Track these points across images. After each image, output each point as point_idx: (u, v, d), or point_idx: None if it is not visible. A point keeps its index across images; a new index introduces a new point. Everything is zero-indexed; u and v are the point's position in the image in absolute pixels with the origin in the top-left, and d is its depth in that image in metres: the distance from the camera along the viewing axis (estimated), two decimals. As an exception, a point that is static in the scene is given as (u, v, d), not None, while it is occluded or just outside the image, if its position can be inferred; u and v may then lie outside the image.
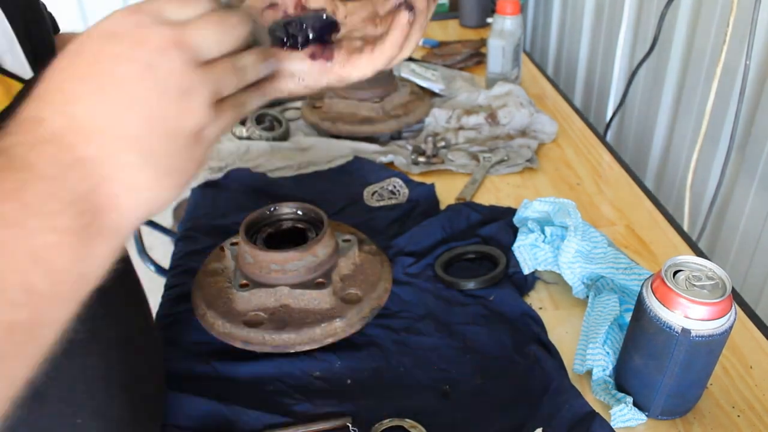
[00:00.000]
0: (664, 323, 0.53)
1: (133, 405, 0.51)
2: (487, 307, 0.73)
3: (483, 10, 1.63)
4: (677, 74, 1.22)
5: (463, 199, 0.94)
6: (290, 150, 1.08)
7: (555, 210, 0.77)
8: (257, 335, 0.66)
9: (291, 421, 0.61)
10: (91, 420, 0.47)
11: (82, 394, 0.46)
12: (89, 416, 0.46)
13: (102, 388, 0.48)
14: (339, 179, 1.00)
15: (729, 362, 0.66)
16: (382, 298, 0.72)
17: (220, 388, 0.64)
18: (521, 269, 0.78)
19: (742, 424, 0.59)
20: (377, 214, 0.92)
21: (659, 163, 1.32)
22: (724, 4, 1.05)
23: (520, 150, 1.05)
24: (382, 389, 0.64)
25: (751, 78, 0.99)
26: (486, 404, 0.62)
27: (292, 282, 0.68)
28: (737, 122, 0.98)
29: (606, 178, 1.00)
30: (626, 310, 0.67)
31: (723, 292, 0.53)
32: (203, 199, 0.97)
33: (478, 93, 1.19)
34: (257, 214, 0.74)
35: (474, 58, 1.41)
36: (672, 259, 0.56)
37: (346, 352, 0.68)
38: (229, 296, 0.70)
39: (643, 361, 0.57)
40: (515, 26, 1.19)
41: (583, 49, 1.58)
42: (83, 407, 0.46)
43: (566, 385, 0.62)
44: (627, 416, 0.59)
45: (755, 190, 1.03)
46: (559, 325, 0.72)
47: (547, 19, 1.78)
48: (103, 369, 0.48)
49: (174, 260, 0.85)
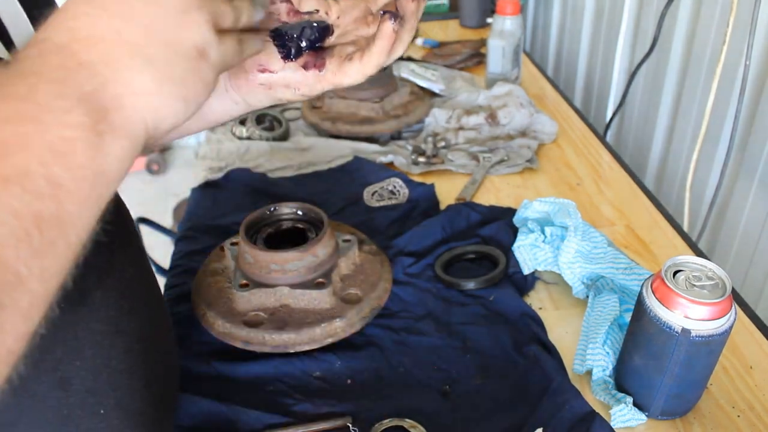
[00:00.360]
0: (664, 323, 0.53)
1: (152, 400, 0.52)
2: (487, 307, 0.73)
3: (483, 11, 1.63)
4: (677, 74, 1.22)
5: (463, 199, 0.94)
6: (290, 150, 1.08)
7: (555, 210, 0.77)
8: (257, 335, 0.66)
9: (291, 421, 0.61)
10: (114, 411, 0.48)
11: (105, 385, 0.47)
12: (112, 408, 0.47)
13: (125, 381, 0.49)
14: (339, 179, 1.00)
15: (729, 362, 0.66)
16: (382, 298, 0.72)
17: (220, 388, 0.64)
18: (521, 269, 0.78)
19: (742, 424, 0.59)
20: (377, 214, 0.92)
21: (659, 163, 1.32)
22: (724, 4, 1.05)
23: (520, 150, 1.05)
24: (382, 389, 0.64)
25: (751, 78, 0.99)
26: (486, 404, 0.62)
27: (292, 282, 0.68)
28: (737, 122, 0.98)
29: (606, 178, 1.00)
30: (626, 310, 0.67)
31: (723, 293, 0.53)
32: (203, 199, 0.97)
33: (478, 93, 1.19)
34: (257, 214, 0.74)
35: (474, 58, 1.41)
36: (672, 259, 0.56)
37: (346, 352, 0.68)
38: (229, 296, 0.70)
39: (643, 361, 0.57)
40: (515, 26, 1.19)
41: (583, 49, 1.58)
42: (107, 398, 0.47)
43: (566, 385, 0.62)
44: (627, 416, 0.59)
45: (755, 190, 1.03)
46: (559, 325, 0.72)
47: (547, 20, 1.78)
48: (125, 362, 0.49)
49: (174, 260, 0.85)
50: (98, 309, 0.46)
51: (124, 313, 0.48)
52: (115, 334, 0.47)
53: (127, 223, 0.53)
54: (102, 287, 0.46)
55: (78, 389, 0.45)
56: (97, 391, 0.46)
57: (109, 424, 0.48)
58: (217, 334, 0.68)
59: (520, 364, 0.66)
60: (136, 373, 0.50)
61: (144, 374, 0.51)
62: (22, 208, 0.26)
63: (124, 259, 0.46)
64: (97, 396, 0.46)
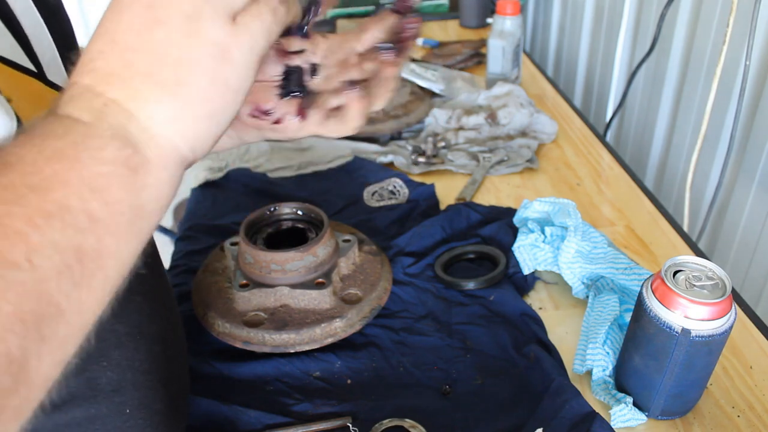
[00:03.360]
0: (664, 323, 0.53)
1: (170, 400, 0.54)
2: (487, 307, 0.73)
3: (483, 11, 1.63)
4: (677, 74, 1.22)
5: (463, 199, 0.94)
6: (290, 150, 1.08)
7: (555, 210, 0.77)
8: (257, 335, 0.66)
9: (291, 421, 0.61)
10: (138, 411, 0.49)
11: (130, 385, 0.48)
12: (136, 407, 0.49)
13: (147, 382, 0.50)
14: (339, 179, 1.00)
15: (729, 362, 0.66)
16: (382, 298, 0.72)
17: (220, 388, 0.64)
18: (521, 269, 0.78)
19: (742, 424, 0.59)
20: (377, 214, 0.92)
21: (659, 163, 1.32)
22: (724, 4, 1.05)
23: (520, 150, 1.05)
24: (382, 389, 0.64)
25: (751, 78, 0.99)
26: (486, 404, 0.62)
27: (292, 282, 0.68)
28: (737, 122, 0.98)
29: (606, 178, 1.00)
30: (626, 310, 0.67)
31: (723, 293, 0.53)
32: (203, 199, 0.97)
33: (478, 93, 1.19)
34: (257, 214, 0.74)
35: (474, 58, 1.41)
36: (672, 260, 0.56)
37: (346, 352, 0.68)
38: (229, 296, 0.70)
39: (643, 361, 0.57)
40: (515, 27, 1.19)
41: (583, 49, 1.58)
42: (132, 398, 0.49)
43: (566, 385, 0.62)
44: (627, 416, 0.59)
45: (755, 190, 1.03)
46: (559, 325, 0.72)
47: (547, 20, 1.78)
48: (147, 363, 0.50)
49: (174, 260, 0.85)
50: (122, 311, 0.46)
51: (145, 315, 0.49)
52: (138, 336, 0.49)
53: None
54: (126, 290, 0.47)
55: (104, 389, 0.46)
56: (122, 390, 0.48)
57: (134, 423, 0.49)
58: (217, 334, 0.68)
59: (520, 364, 0.66)
60: (156, 373, 0.51)
61: (163, 375, 0.52)
62: (64, 242, 0.27)
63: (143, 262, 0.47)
64: (122, 396, 0.48)
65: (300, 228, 0.75)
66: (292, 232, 0.75)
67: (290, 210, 0.76)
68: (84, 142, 0.30)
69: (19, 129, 0.30)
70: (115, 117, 0.31)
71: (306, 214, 0.76)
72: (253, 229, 0.74)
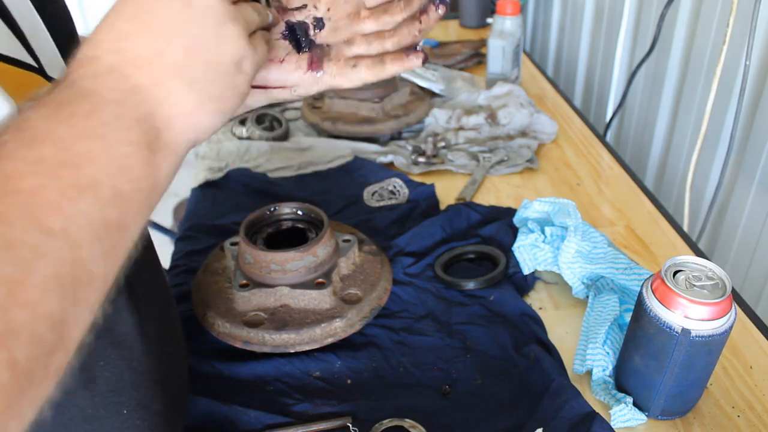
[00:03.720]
0: (664, 323, 0.53)
1: (168, 401, 0.54)
2: (487, 307, 0.73)
3: (483, 11, 1.63)
4: (677, 74, 1.22)
5: (463, 199, 0.94)
6: (290, 150, 1.08)
7: (555, 210, 0.77)
8: (257, 335, 0.66)
9: (291, 421, 0.61)
10: (135, 411, 0.49)
11: (128, 385, 0.48)
12: (133, 408, 0.49)
13: (145, 382, 0.50)
14: (339, 179, 1.00)
15: (729, 362, 0.66)
16: (382, 298, 0.72)
17: (220, 388, 0.64)
18: (521, 269, 0.78)
19: (742, 424, 0.59)
20: (377, 214, 0.92)
21: (659, 163, 1.32)
22: (724, 4, 1.05)
23: (520, 150, 1.05)
24: (382, 389, 0.64)
25: (751, 78, 0.99)
26: (486, 404, 0.62)
27: (292, 282, 0.68)
28: (737, 122, 0.98)
29: (606, 178, 1.00)
30: (626, 310, 0.67)
31: (723, 293, 0.53)
32: (203, 199, 0.97)
33: (478, 93, 1.19)
34: (257, 214, 0.74)
35: (474, 58, 1.41)
36: (672, 260, 0.56)
37: (346, 352, 0.68)
38: (229, 296, 0.70)
39: (643, 361, 0.57)
40: (515, 27, 1.19)
41: (583, 49, 1.58)
42: (129, 398, 0.49)
43: (566, 385, 0.62)
44: (627, 416, 0.59)
45: (755, 190, 1.03)
46: (559, 325, 0.72)
47: (547, 20, 1.78)
48: (146, 363, 0.50)
49: (174, 260, 0.85)
50: (120, 311, 0.47)
51: (143, 315, 0.50)
52: (136, 336, 0.49)
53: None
54: (124, 290, 0.47)
55: (101, 389, 0.46)
56: (119, 391, 0.48)
57: (132, 423, 0.49)
58: (217, 334, 0.68)
59: (520, 364, 0.66)
60: (154, 373, 0.51)
61: (162, 375, 0.52)
62: (94, 214, 0.29)
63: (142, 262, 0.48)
64: (120, 396, 0.48)
65: (300, 228, 0.75)
66: (292, 232, 0.75)
67: (290, 210, 0.76)
68: (111, 123, 0.32)
69: (35, 95, 0.31)
70: (143, 102, 0.33)
71: (306, 214, 0.76)
72: (253, 229, 0.74)
